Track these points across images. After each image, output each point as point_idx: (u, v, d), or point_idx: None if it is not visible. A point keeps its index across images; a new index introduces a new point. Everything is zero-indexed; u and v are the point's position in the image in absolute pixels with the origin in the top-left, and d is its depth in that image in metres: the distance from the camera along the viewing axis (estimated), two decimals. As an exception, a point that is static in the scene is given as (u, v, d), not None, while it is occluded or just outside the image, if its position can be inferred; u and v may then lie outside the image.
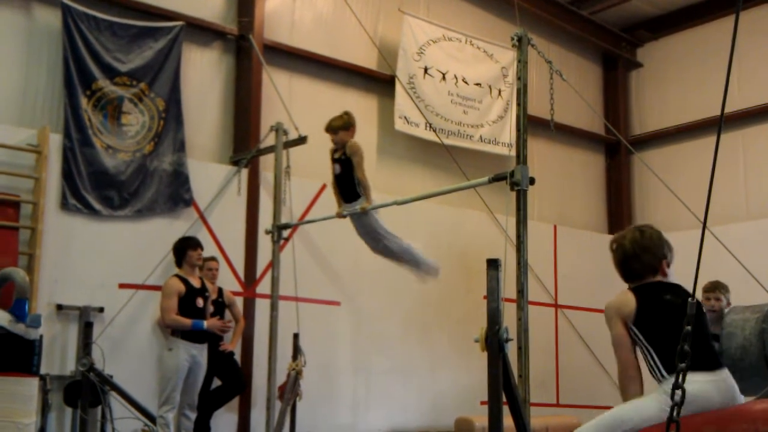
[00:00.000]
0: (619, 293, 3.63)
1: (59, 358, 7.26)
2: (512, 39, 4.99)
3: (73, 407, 7.04)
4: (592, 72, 12.76)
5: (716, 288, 6.50)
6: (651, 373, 3.44)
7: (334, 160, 6.47)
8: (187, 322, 6.98)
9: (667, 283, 3.61)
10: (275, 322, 6.89)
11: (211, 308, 7.42)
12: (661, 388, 3.33)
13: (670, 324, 3.26)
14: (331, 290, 9.07)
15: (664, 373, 3.35)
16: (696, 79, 11.84)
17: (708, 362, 3.35)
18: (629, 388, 3.45)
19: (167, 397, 6.89)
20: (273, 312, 6.92)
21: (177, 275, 7.20)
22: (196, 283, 7.23)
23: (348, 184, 6.37)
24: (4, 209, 7.08)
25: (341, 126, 6.39)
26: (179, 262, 7.27)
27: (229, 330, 7.70)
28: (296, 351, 7.34)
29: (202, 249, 7.40)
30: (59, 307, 7.26)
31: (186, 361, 6.95)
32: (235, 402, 8.07)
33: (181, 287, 7.09)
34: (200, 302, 7.17)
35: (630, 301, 3.51)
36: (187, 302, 7.07)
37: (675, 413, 2.53)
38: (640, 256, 3.62)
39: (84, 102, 7.62)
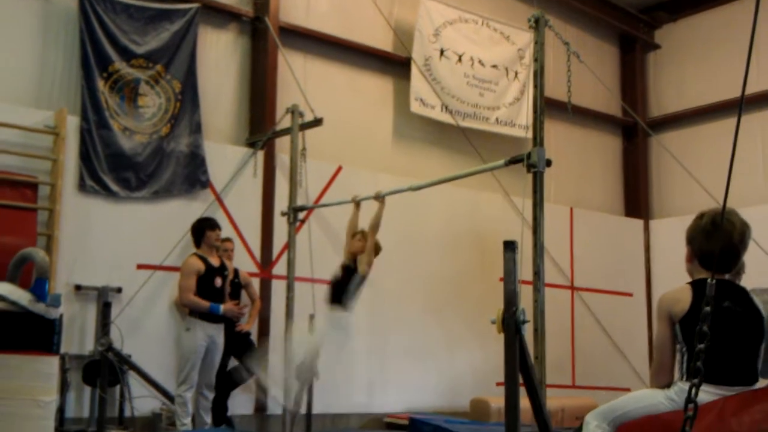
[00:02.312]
0: (676, 288, 3.37)
1: (78, 337, 7.34)
2: (529, 20, 4.97)
3: (92, 386, 7.13)
4: (610, 54, 12.67)
5: None
6: (678, 368, 3.35)
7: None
8: (204, 304, 6.98)
9: (734, 285, 3.38)
10: (291, 303, 6.93)
11: (228, 288, 7.44)
12: (672, 389, 3.31)
13: (717, 333, 2.88)
14: (347, 272, 9.08)
15: (684, 376, 3.29)
16: (714, 60, 11.74)
17: (734, 376, 3.21)
18: (656, 386, 3.42)
19: (185, 377, 6.93)
20: (289, 293, 6.96)
21: (196, 254, 7.20)
22: (215, 262, 7.22)
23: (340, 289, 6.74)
24: (23, 191, 7.14)
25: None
26: (198, 243, 7.26)
27: (245, 314, 7.72)
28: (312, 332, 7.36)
29: (220, 230, 7.40)
30: (78, 287, 7.32)
31: (204, 340, 6.98)
32: (251, 382, 8.13)
33: (201, 266, 7.08)
34: (219, 282, 7.16)
35: (685, 299, 3.29)
36: (206, 281, 7.07)
37: (688, 426, 2.49)
38: (740, 251, 3.35)
39: (101, 84, 7.65)
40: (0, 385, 3.05)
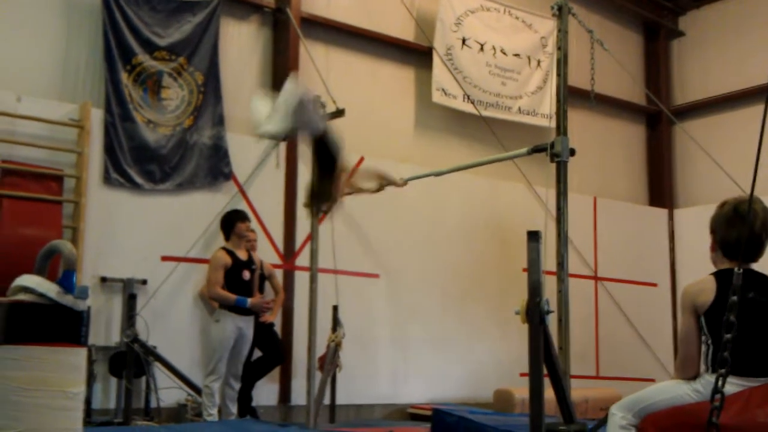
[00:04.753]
0: (700, 279, 3.36)
1: (104, 329, 7.40)
2: (552, 8, 4.94)
3: (118, 377, 7.20)
4: (633, 41, 12.56)
5: None
6: (704, 360, 3.35)
7: None
8: (231, 297, 7.08)
9: (758, 275, 3.32)
10: (315, 295, 6.94)
11: (256, 281, 7.51)
12: (698, 381, 3.30)
13: (742, 324, 2.78)
14: (370, 263, 9.11)
15: (710, 368, 3.28)
16: (740, 47, 11.60)
17: (760, 367, 3.20)
18: (681, 378, 3.40)
19: (213, 368, 7.02)
20: (312, 284, 6.96)
21: (224, 248, 7.31)
22: (242, 255, 7.33)
23: None
24: (48, 183, 7.20)
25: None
26: (227, 235, 7.38)
27: (271, 308, 7.77)
28: (335, 323, 7.39)
29: (250, 221, 7.52)
30: (103, 279, 7.39)
31: (232, 332, 7.07)
32: (276, 372, 8.18)
33: (228, 260, 7.19)
34: (246, 275, 7.27)
35: (709, 290, 3.28)
36: (234, 275, 7.18)
37: (715, 417, 2.49)
38: (763, 240, 3.32)
39: (124, 77, 7.69)
40: (29, 376, 3.08)
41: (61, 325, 3.18)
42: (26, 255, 5.38)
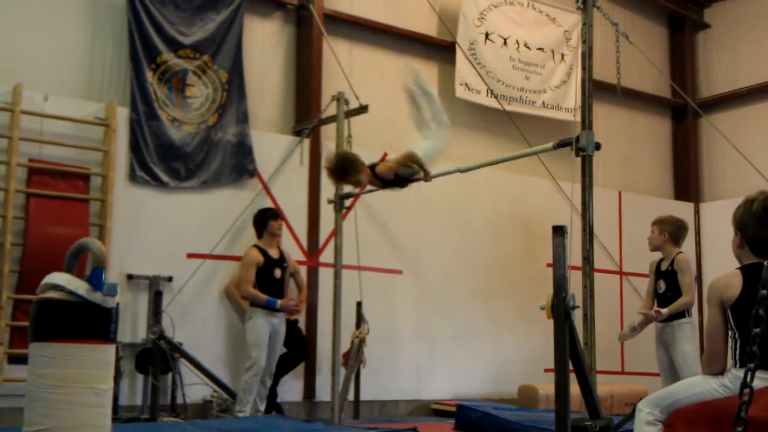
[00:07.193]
0: (727, 274, 3.35)
1: (130, 326, 7.47)
2: (577, 2, 4.91)
3: (145, 374, 7.26)
4: (658, 34, 12.45)
5: (655, 222, 6.76)
6: (731, 355, 3.33)
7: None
8: (262, 297, 7.13)
9: None
10: (339, 291, 6.96)
11: (288, 279, 7.55)
12: (726, 376, 3.28)
13: None
14: (394, 259, 9.11)
15: (738, 363, 3.26)
16: (766, 39, 11.46)
17: None
18: (708, 373, 3.38)
19: (251, 364, 7.05)
20: (336, 281, 6.99)
21: (256, 246, 7.36)
22: (274, 254, 7.39)
23: None
24: (75, 182, 7.28)
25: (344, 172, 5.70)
26: (260, 233, 7.47)
27: (299, 310, 7.81)
28: (359, 319, 7.40)
29: (281, 219, 7.58)
30: (129, 276, 7.45)
31: (266, 328, 7.12)
32: (300, 369, 8.21)
33: (260, 258, 7.25)
34: (278, 273, 7.32)
35: (735, 284, 3.27)
36: (265, 273, 7.24)
37: (743, 411, 2.47)
38: None
39: (149, 75, 7.75)
40: (59, 373, 3.12)
41: (91, 322, 3.22)
42: (54, 253, 5.45)
